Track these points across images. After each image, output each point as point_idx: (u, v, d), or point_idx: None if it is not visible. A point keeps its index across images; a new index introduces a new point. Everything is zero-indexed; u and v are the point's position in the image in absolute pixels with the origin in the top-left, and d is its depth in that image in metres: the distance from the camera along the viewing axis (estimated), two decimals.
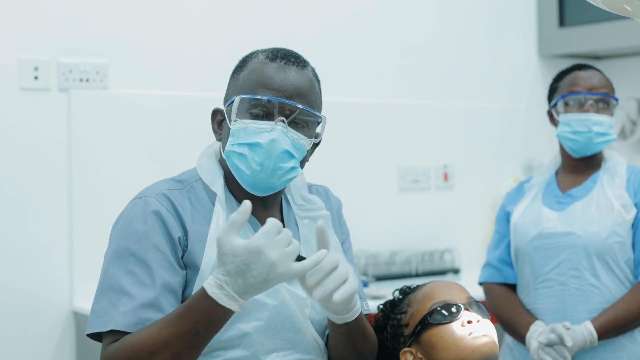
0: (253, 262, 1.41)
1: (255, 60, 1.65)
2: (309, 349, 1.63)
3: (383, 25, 3.75)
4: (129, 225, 1.57)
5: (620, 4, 1.36)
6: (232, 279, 1.42)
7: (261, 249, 1.41)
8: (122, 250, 1.55)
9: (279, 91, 1.59)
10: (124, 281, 1.52)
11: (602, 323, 2.32)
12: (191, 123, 3.20)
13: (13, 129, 2.90)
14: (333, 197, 1.82)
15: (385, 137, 3.73)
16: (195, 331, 1.45)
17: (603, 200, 2.42)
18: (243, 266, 1.41)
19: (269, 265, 1.41)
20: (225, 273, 1.42)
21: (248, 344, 1.57)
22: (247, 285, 1.42)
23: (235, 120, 1.59)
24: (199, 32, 3.28)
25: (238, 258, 1.41)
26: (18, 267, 2.90)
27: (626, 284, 2.39)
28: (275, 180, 1.58)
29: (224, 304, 1.43)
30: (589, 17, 3.99)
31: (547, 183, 2.54)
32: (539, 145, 4.13)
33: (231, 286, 1.42)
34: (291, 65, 1.63)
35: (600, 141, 2.43)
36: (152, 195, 1.59)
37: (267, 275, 1.41)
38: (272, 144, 1.56)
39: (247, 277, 1.41)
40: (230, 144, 1.59)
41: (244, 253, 1.41)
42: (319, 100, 1.67)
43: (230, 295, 1.43)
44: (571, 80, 2.46)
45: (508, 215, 2.56)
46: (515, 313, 2.45)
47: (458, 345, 1.60)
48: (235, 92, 1.64)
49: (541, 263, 2.44)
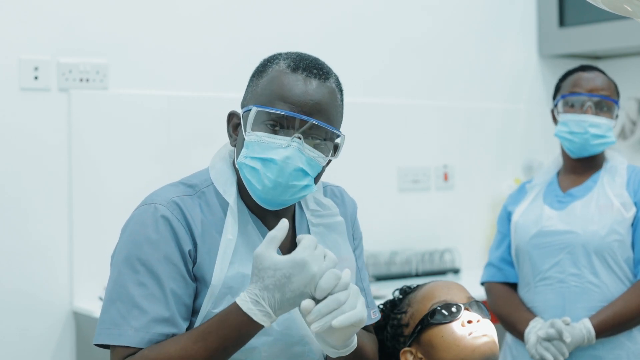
0: (295, 274, 1.40)
1: (276, 68, 1.58)
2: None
3: (383, 25, 3.75)
4: (139, 232, 1.53)
5: (620, 4, 1.36)
6: (269, 294, 1.41)
7: (306, 260, 1.40)
8: (133, 259, 1.51)
9: (298, 106, 1.53)
10: (134, 293, 1.49)
11: (601, 321, 2.32)
12: (191, 123, 3.20)
13: (13, 129, 2.90)
14: (348, 199, 1.78)
15: (385, 137, 3.73)
16: (224, 347, 1.44)
17: (603, 200, 2.43)
18: (284, 279, 1.40)
19: (310, 276, 1.40)
20: (263, 288, 1.41)
21: (256, 359, 1.55)
22: (283, 300, 1.41)
23: (251, 132, 1.54)
24: (199, 32, 3.28)
25: (279, 272, 1.40)
26: (18, 267, 2.90)
27: (625, 283, 2.39)
28: (288, 197, 1.55)
29: (257, 320, 1.41)
30: (589, 17, 3.99)
31: (549, 183, 2.55)
32: (539, 145, 4.13)
33: (267, 301, 1.41)
34: (313, 77, 1.56)
35: (596, 143, 2.44)
36: (163, 202, 1.55)
37: (304, 288, 1.41)
38: (286, 161, 1.51)
39: (286, 290, 1.40)
40: (243, 156, 1.54)
41: (286, 266, 1.40)
42: (340, 113, 1.61)
43: (265, 311, 1.42)
44: (573, 81, 2.48)
45: (509, 215, 2.58)
46: (515, 310, 2.46)
47: (458, 345, 1.60)
48: (253, 99, 1.58)
49: (541, 261, 2.45)
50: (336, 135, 1.58)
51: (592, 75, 2.47)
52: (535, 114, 4.17)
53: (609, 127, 2.45)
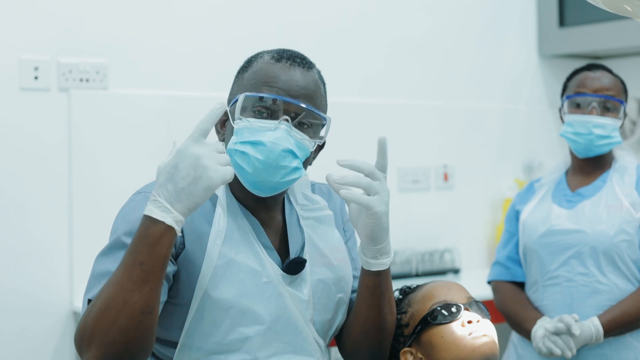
0: (179, 160, 1.41)
1: (260, 61, 1.64)
2: (311, 352, 1.63)
3: (382, 25, 3.75)
4: (123, 218, 1.57)
5: (620, 4, 1.36)
6: (163, 189, 1.41)
7: (186, 145, 1.42)
8: (115, 242, 1.53)
9: (284, 90, 1.58)
10: (111, 267, 1.48)
11: (609, 319, 2.33)
12: (191, 123, 3.14)
13: (13, 129, 2.90)
14: (335, 195, 1.80)
15: (385, 137, 3.72)
16: (139, 261, 1.40)
17: (612, 199, 2.43)
18: (172, 170, 1.41)
19: (195, 158, 1.41)
20: (158, 186, 1.42)
21: (249, 348, 1.55)
22: (177, 190, 1.41)
23: (240, 119, 1.58)
24: (199, 32, 3.28)
25: (167, 166, 1.42)
26: (18, 267, 2.90)
27: (634, 283, 2.40)
28: (278, 179, 1.56)
29: (157, 217, 1.40)
30: (589, 17, 3.99)
31: (557, 182, 2.55)
32: (539, 145, 4.13)
33: (162, 196, 1.41)
34: (297, 66, 1.62)
35: (601, 143, 2.44)
36: (152, 190, 1.56)
37: (195, 172, 1.40)
38: (275, 143, 1.54)
39: (176, 180, 1.41)
40: (232, 142, 1.57)
41: (171, 158, 1.42)
42: (324, 103, 1.66)
43: (162, 206, 1.41)
44: (579, 81, 2.47)
45: (517, 213, 2.58)
46: (522, 309, 2.46)
47: (458, 345, 1.60)
48: (239, 91, 1.63)
49: (549, 260, 2.45)
50: (322, 123, 1.62)
51: (597, 75, 2.46)
52: (535, 114, 4.17)
53: (614, 127, 2.44)
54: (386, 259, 1.61)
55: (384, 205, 1.58)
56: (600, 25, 3.97)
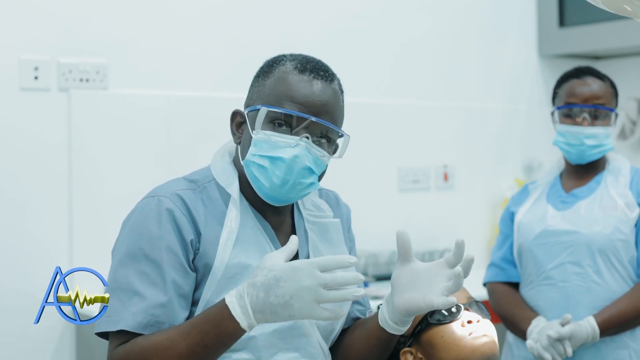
0: (284, 279, 1.39)
1: (282, 69, 1.62)
2: (314, 354, 1.63)
3: (382, 24, 3.75)
4: (141, 224, 1.55)
5: (620, 4, 1.36)
6: (255, 291, 1.40)
7: (299, 269, 1.39)
8: (135, 250, 1.53)
9: (306, 106, 1.57)
10: (135, 282, 1.50)
11: (605, 319, 2.33)
12: (191, 123, 3.20)
13: (13, 129, 2.90)
14: (343, 204, 1.82)
15: (385, 137, 3.73)
16: (204, 343, 1.44)
17: (607, 200, 2.44)
18: (273, 281, 1.39)
19: (298, 287, 1.38)
20: (252, 284, 1.41)
21: (253, 348, 1.56)
22: (265, 303, 1.40)
23: (259, 131, 1.57)
24: (199, 32, 3.28)
25: (272, 272, 1.40)
26: (18, 267, 2.89)
27: (629, 282, 2.40)
28: (294, 195, 1.58)
29: (234, 315, 1.41)
30: (589, 17, 3.99)
31: (551, 184, 2.56)
32: (539, 145, 4.13)
33: (250, 298, 1.41)
34: (319, 79, 1.61)
35: (593, 152, 2.46)
36: (166, 194, 1.58)
37: (290, 298, 1.38)
38: (294, 160, 1.55)
39: (270, 293, 1.39)
40: (251, 154, 1.57)
41: (281, 269, 1.40)
42: (342, 114, 1.68)
43: (244, 308, 1.41)
44: (568, 91, 2.48)
45: (512, 215, 2.58)
46: (518, 309, 2.47)
47: (458, 345, 1.60)
48: (259, 99, 1.61)
49: (544, 260, 2.46)
50: (339, 135, 1.64)
51: (587, 82, 2.46)
52: (536, 114, 4.16)
53: (605, 135, 2.46)
54: (406, 327, 1.61)
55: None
56: (600, 25, 3.97)
